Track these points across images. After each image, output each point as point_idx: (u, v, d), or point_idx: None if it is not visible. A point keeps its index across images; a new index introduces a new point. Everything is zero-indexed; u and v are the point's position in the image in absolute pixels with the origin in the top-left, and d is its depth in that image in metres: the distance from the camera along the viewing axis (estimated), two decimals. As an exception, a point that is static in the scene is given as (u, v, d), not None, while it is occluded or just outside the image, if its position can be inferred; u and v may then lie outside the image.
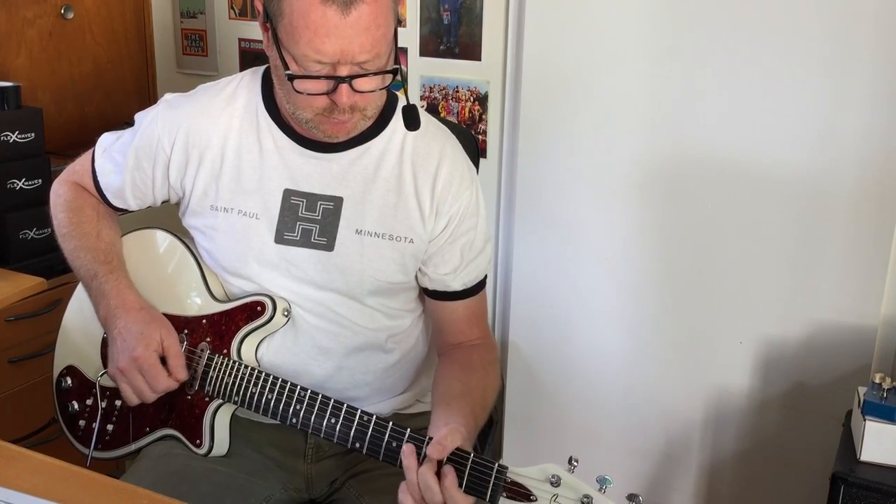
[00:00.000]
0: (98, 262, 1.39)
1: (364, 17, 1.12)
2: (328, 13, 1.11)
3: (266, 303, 1.31)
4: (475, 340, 1.41)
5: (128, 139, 1.42)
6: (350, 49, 1.13)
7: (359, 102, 1.20)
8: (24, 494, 1.04)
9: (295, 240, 1.32)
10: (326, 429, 1.21)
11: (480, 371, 1.36)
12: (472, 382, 1.32)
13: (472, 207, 1.36)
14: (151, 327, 1.31)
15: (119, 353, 1.30)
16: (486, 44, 2.35)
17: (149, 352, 1.28)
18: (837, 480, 1.67)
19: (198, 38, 2.86)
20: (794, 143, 2.02)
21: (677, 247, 2.21)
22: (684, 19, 2.08)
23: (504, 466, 1.09)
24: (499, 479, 1.09)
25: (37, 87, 2.55)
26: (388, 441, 1.17)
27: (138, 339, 1.29)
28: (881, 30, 1.89)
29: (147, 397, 1.30)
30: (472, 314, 1.41)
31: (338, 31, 1.12)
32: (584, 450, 2.43)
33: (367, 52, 1.14)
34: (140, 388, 1.29)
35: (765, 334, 2.15)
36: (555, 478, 1.05)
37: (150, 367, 1.28)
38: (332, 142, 1.28)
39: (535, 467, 1.08)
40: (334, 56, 1.14)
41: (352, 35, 1.12)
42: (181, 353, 1.32)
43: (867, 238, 1.99)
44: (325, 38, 1.12)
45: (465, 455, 1.12)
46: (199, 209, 1.36)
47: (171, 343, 1.31)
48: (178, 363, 1.30)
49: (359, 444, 1.19)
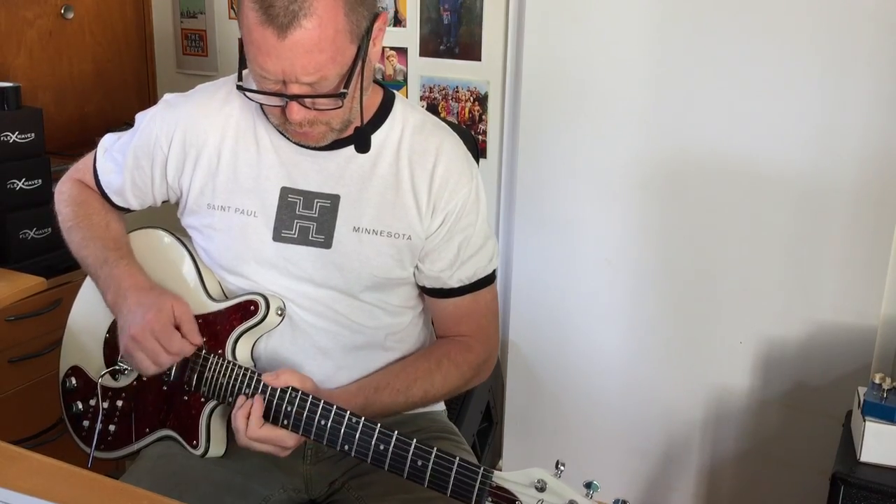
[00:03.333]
0: (108, 249, 1.40)
1: (303, 41, 1.11)
2: (266, 34, 1.12)
3: (259, 302, 1.31)
4: (461, 338, 1.41)
5: (127, 139, 1.43)
6: (292, 70, 1.13)
7: (319, 118, 1.21)
8: (24, 495, 1.04)
9: (293, 238, 1.32)
10: (317, 431, 1.20)
11: (432, 362, 1.37)
12: (408, 368, 1.36)
13: (471, 204, 1.35)
14: (162, 298, 1.30)
15: (131, 324, 1.28)
16: (486, 44, 2.35)
17: (161, 315, 1.27)
18: (837, 481, 1.67)
19: (198, 38, 2.86)
20: (794, 143, 2.02)
21: (677, 247, 2.21)
22: (684, 19, 2.08)
23: (489, 471, 1.09)
24: (484, 483, 1.09)
25: (37, 87, 2.55)
26: (375, 444, 1.17)
27: (150, 307, 1.28)
28: (881, 30, 1.89)
29: (163, 361, 1.27)
30: (462, 312, 1.40)
31: (277, 53, 1.12)
32: (584, 450, 2.44)
33: (309, 74, 1.14)
34: (155, 352, 1.26)
35: (765, 334, 2.15)
36: (540, 482, 1.05)
37: (162, 327, 1.26)
38: (309, 146, 1.29)
39: (521, 472, 1.07)
40: (277, 75, 1.15)
41: (291, 57, 1.12)
42: (194, 320, 1.30)
43: (867, 238, 1.99)
44: (266, 57, 1.13)
45: (451, 459, 1.12)
46: (197, 208, 1.36)
47: (184, 311, 1.29)
48: (191, 328, 1.29)
49: (347, 446, 1.19)
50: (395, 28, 2.44)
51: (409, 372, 1.36)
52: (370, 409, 1.30)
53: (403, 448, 1.15)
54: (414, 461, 1.14)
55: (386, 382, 1.34)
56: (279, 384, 1.22)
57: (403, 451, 1.15)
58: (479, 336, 1.42)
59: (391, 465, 1.16)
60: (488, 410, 2.35)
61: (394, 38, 2.45)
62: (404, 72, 2.48)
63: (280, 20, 1.10)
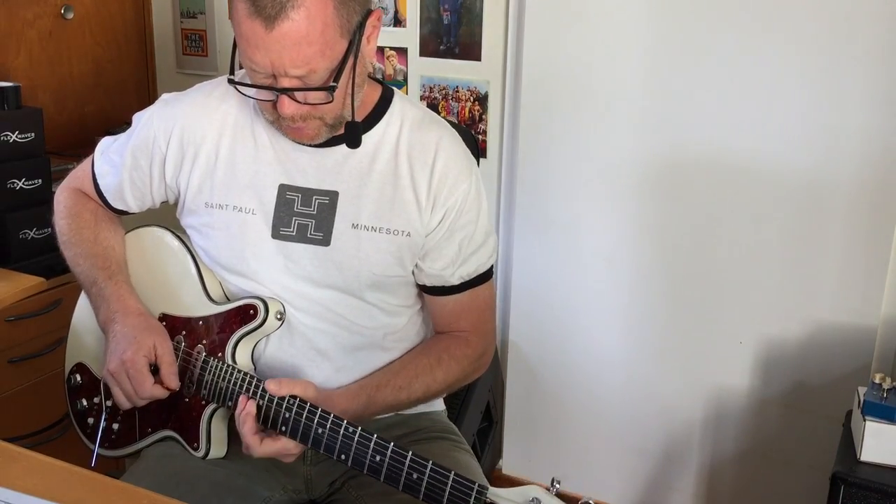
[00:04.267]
0: (96, 268, 1.40)
1: (291, 33, 1.11)
2: (254, 26, 1.12)
3: (258, 306, 1.30)
4: (459, 333, 1.41)
5: (125, 140, 1.43)
6: (280, 63, 1.13)
7: (312, 113, 1.21)
8: (24, 494, 1.04)
9: (291, 235, 1.31)
10: (314, 438, 1.20)
11: (432, 358, 1.37)
12: (409, 365, 1.36)
13: (472, 200, 1.35)
14: (145, 333, 1.30)
15: (111, 356, 1.30)
16: (486, 44, 2.35)
17: (138, 356, 1.27)
18: (837, 480, 1.67)
19: (198, 38, 2.86)
20: (794, 143, 2.02)
21: (677, 246, 2.21)
22: (684, 19, 2.08)
23: (484, 487, 1.09)
24: (478, 499, 1.09)
25: (37, 87, 2.55)
26: (371, 454, 1.16)
27: (130, 342, 1.29)
28: (881, 30, 1.88)
29: (134, 402, 1.30)
30: (462, 308, 1.40)
31: (265, 45, 1.12)
32: (584, 449, 2.44)
33: (298, 67, 1.14)
34: (128, 393, 1.29)
35: (765, 334, 2.15)
36: (535, 501, 1.04)
37: (136, 371, 1.27)
38: (304, 144, 1.29)
39: (517, 489, 1.07)
40: (266, 67, 1.15)
41: (279, 49, 1.12)
42: (174, 362, 1.31)
43: (867, 238, 1.99)
44: (255, 50, 1.14)
45: (446, 473, 1.12)
46: (195, 207, 1.36)
47: (165, 351, 1.30)
48: (169, 371, 1.30)
49: (343, 456, 1.18)
50: (395, 28, 2.44)
51: (409, 369, 1.36)
52: (372, 408, 1.31)
53: (399, 460, 1.15)
54: (409, 474, 1.14)
55: (387, 380, 1.34)
56: (285, 392, 1.22)
57: (399, 464, 1.15)
58: (478, 331, 1.42)
59: (387, 477, 1.16)
60: (488, 410, 2.35)
61: (394, 38, 2.45)
62: (404, 72, 2.48)
63: (268, 12, 1.11)
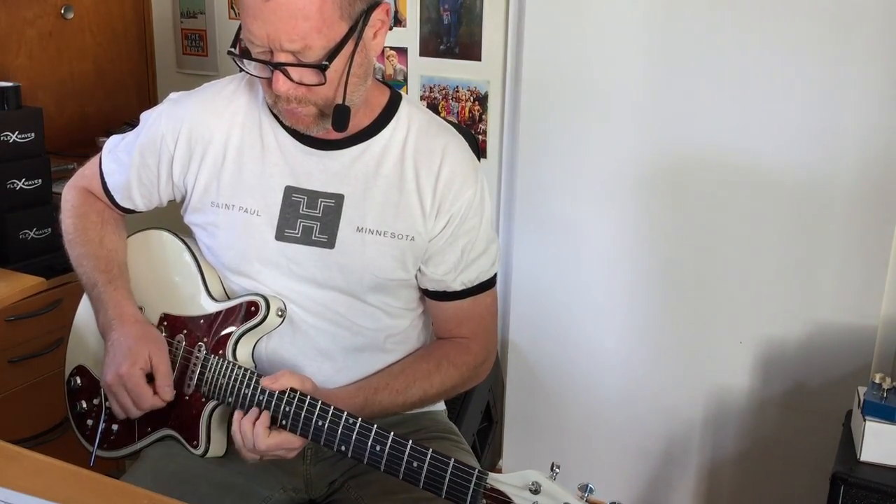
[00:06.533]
0: (98, 271, 1.40)
1: (287, 5, 1.12)
2: None
3: (260, 303, 1.31)
4: (460, 339, 1.41)
5: (133, 138, 1.43)
6: (276, 36, 1.14)
7: (307, 96, 1.21)
8: (24, 494, 1.04)
9: (296, 237, 1.31)
10: (314, 431, 1.20)
11: (431, 364, 1.37)
12: (408, 369, 1.36)
13: (476, 207, 1.35)
14: (140, 343, 1.31)
15: (107, 368, 1.31)
16: (486, 44, 2.35)
17: (134, 369, 1.28)
18: (837, 480, 1.67)
19: (198, 38, 2.86)
20: (795, 143, 2.02)
21: (677, 247, 2.21)
22: (684, 19, 2.08)
23: (484, 472, 1.10)
24: (478, 485, 1.09)
25: (37, 87, 2.55)
26: (371, 445, 1.17)
27: (126, 354, 1.29)
28: (881, 30, 1.89)
29: (132, 414, 1.31)
30: (463, 315, 1.40)
31: (263, 16, 1.14)
32: (584, 449, 2.44)
33: (293, 41, 1.14)
34: (125, 405, 1.30)
35: (765, 334, 2.15)
36: (535, 485, 1.05)
37: (134, 385, 1.28)
38: (302, 132, 1.28)
39: (516, 474, 1.07)
40: (262, 39, 1.15)
41: (275, 21, 1.13)
42: (169, 373, 1.31)
43: (867, 238, 1.99)
44: (252, 20, 1.15)
45: (446, 460, 1.12)
46: (201, 206, 1.36)
47: (160, 361, 1.31)
48: (164, 383, 1.30)
49: (344, 447, 1.19)
50: (395, 28, 2.44)
51: (408, 373, 1.36)
52: (369, 410, 1.31)
53: (399, 449, 1.15)
54: (409, 462, 1.14)
55: (385, 383, 1.34)
56: (278, 387, 1.22)
57: (399, 453, 1.15)
58: (479, 338, 1.42)
59: (387, 467, 1.16)
60: (488, 410, 2.35)
61: (394, 38, 2.45)
62: (404, 72, 2.48)
63: None
